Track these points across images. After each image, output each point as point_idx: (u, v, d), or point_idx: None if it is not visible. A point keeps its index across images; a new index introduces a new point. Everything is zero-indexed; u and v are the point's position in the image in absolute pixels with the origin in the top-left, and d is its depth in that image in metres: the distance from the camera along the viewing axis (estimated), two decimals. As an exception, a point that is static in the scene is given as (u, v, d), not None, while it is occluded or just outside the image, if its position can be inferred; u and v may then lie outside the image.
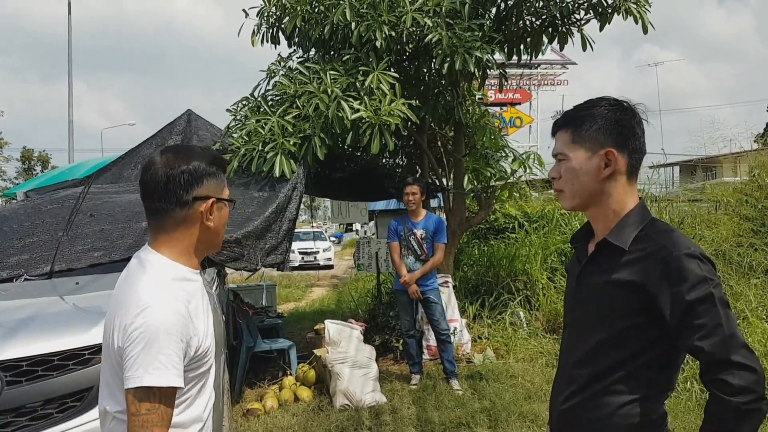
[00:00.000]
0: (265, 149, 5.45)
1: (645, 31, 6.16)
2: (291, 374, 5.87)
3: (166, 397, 1.44)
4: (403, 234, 5.78)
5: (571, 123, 1.63)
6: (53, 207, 4.92)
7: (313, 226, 24.00)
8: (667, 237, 1.51)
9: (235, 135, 5.82)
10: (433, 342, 6.41)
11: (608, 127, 1.58)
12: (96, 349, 3.03)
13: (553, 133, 1.70)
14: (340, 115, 5.30)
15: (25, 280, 4.11)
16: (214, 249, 1.72)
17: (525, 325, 7.08)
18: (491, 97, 20.01)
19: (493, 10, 6.50)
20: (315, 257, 22.82)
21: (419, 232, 5.73)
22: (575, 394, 1.62)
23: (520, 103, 26.76)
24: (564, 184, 1.65)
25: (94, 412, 2.95)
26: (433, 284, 5.79)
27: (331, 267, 22.86)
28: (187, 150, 1.65)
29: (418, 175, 8.03)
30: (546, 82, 28.50)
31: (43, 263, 4.19)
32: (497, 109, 22.47)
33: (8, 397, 2.86)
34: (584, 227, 1.75)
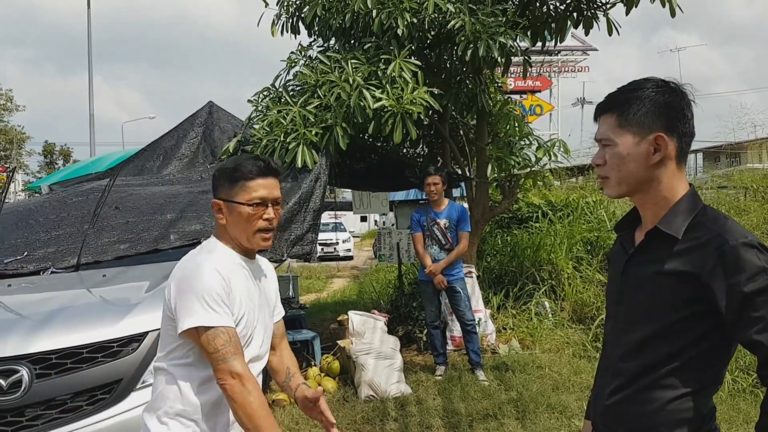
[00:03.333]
0: (287, 140, 5.41)
1: (673, 14, 5.99)
2: (315, 365, 5.87)
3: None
4: (426, 224, 5.73)
5: (617, 106, 1.54)
6: (78, 200, 4.94)
7: (336, 217, 24.03)
8: (721, 225, 1.43)
9: (256, 126, 5.79)
10: (457, 333, 6.36)
11: (657, 110, 1.49)
12: (125, 342, 3.03)
13: (596, 117, 1.61)
14: (362, 104, 5.24)
15: (52, 273, 4.12)
16: (245, 243, 1.95)
17: (550, 315, 7.00)
18: (511, 85, 19.83)
19: (517, -6, 6.39)
20: (335, 248, 22.87)
21: (443, 222, 5.67)
22: (622, 387, 1.56)
23: (540, 91, 26.52)
24: (609, 171, 1.56)
25: (123, 404, 2.95)
26: (459, 274, 5.73)
27: (350, 258, 22.90)
28: (229, 158, 2.17)
29: (439, 165, 7.95)
30: (567, 69, 28.21)
31: (70, 256, 4.21)
32: (517, 97, 22.25)
33: (38, 389, 2.87)
34: (629, 214, 1.68)
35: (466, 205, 7.27)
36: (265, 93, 6.17)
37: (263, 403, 1.81)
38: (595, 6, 6.30)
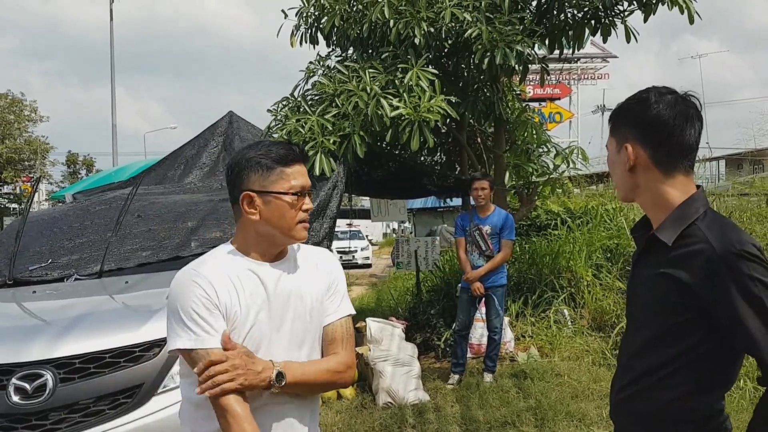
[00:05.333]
0: (305, 148, 5.47)
1: (691, 21, 5.97)
2: (334, 372, 5.87)
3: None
4: (469, 229, 5.72)
5: (612, 116, 1.65)
6: (101, 208, 5.03)
7: (350, 225, 24.08)
8: (714, 233, 1.44)
9: (275, 135, 5.86)
10: (475, 341, 6.36)
11: (629, 120, 1.58)
12: (146, 347, 3.08)
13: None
14: (380, 112, 5.28)
15: (76, 279, 4.19)
16: (286, 239, 1.74)
17: (569, 323, 6.95)
18: (530, 92, 19.78)
19: (534, 2, 6.40)
20: (353, 256, 22.85)
21: (486, 228, 5.64)
22: (629, 386, 1.62)
23: (559, 98, 26.42)
24: (611, 176, 1.69)
25: (145, 409, 3.00)
26: (499, 281, 5.68)
27: (369, 266, 22.88)
28: (250, 145, 1.76)
29: (457, 172, 7.97)
30: (586, 76, 28.09)
31: (93, 263, 4.28)
32: (536, 104, 22.18)
33: (61, 393, 2.92)
34: (644, 217, 1.72)
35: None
36: (284, 102, 6.24)
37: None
38: (612, 13, 6.29)
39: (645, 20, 6.13)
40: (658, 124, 1.52)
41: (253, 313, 1.67)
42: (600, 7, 6.13)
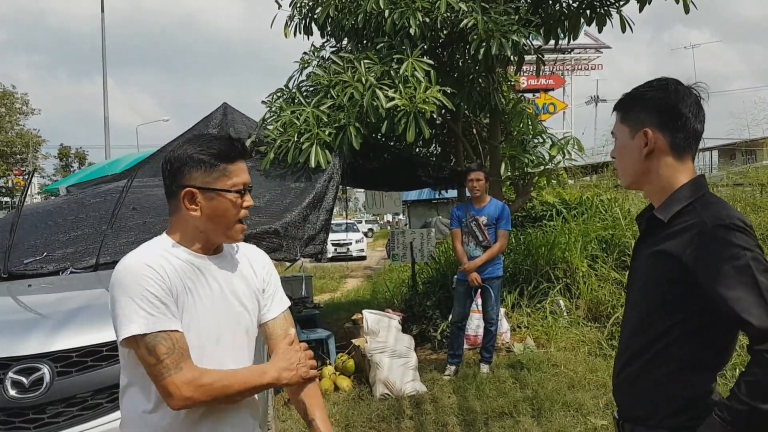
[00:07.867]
0: (301, 140, 5.45)
1: (687, 10, 5.97)
2: (330, 364, 5.89)
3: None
4: (466, 220, 5.70)
5: (621, 104, 1.70)
6: (96, 201, 5.00)
7: (346, 218, 24.08)
8: (706, 210, 1.51)
9: (270, 127, 5.84)
10: (471, 332, 6.37)
11: (648, 106, 1.62)
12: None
13: (613, 113, 1.76)
14: (375, 103, 5.27)
15: (71, 273, 4.17)
16: (223, 238, 1.74)
17: (565, 313, 6.97)
18: (523, 83, 19.77)
19: (529, -8, 6.39)
20: (348, 248, 22.86)
21: (482, 219, 5.61)
22: (626, 365, 1.66)
23: (553, 89, 26.43)
24: (617, 163, 1.73)
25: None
26: (495, 272, 5.67)
27: (363, 258, 22.91)
28: (190, 139, 1.72)
29: (453, 163, 7.96)
30: (580, 67, 28.11)
31: (89, 256, 4.25)
32: (530, 95, 22.19)
33: (59, 387, 2.89)
34: (649, 206, 1.76)
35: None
36: (278, 94, 6.21)
37: (229, 375, 1.61)
38: (608, 3, 6.28)
39: (640, 10, 6.13)
40: (679, 111, 1.58)
41: (200, 304, 1.66)
42: (596, -4, 6.13)
